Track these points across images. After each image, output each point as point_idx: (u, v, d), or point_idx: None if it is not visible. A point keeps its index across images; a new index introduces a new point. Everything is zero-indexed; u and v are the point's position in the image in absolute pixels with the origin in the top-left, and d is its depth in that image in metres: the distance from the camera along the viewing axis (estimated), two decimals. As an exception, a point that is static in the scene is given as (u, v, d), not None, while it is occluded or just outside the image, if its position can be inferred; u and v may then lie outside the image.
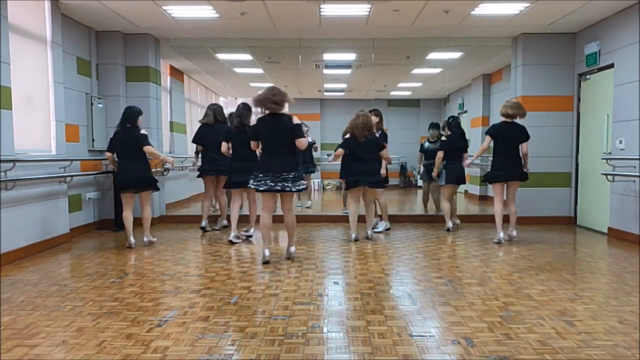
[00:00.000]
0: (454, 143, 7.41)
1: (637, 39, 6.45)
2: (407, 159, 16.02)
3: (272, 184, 5.22)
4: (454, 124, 7.55)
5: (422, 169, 9.09)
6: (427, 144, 8.88)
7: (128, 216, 6.24)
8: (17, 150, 5.55)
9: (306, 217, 8.80)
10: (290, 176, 5.23)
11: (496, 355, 2.95)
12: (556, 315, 3.65)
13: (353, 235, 6.64)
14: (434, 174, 7.55)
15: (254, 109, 6.20)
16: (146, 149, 6.14)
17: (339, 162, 7.13)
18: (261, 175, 5.26)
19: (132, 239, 6.21)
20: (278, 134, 5.25)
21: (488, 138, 6.56)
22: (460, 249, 6.31)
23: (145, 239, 6.37)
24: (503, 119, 6.51)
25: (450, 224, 7.48)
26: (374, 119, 6.96)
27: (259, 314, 3.71)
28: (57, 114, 6.46)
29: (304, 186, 5.39)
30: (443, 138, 7.69)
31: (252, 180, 5.34)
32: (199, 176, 7.49)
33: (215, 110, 7.39)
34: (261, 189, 5.26)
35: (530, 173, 6.71)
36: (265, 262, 5.28)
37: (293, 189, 5.24)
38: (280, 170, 5.21)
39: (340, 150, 6.74)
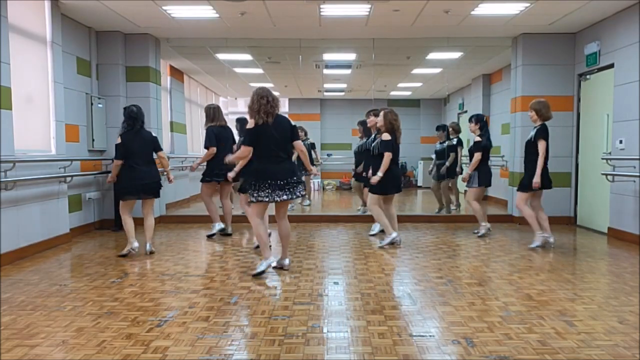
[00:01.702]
0: (489, 144, 6.97)
1: (637, 39, 6.45)
2: (407, 159, 16.02)
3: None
4: (485, 122, 7.06)
5: (434, 169, 9.10)
6: (438, 146, 9.13)
7: (130, 221, 5.76)
8: (17, 150, 5.55)
9: (306, 217, 8.81)
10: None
11: (496, 355, 2.95)
12: (556, 315, 3.65)
13: (395, 235, 6.29)
14: (466, 176, 6.97)
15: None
16: (162, 153, 5.95)
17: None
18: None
19: (136, 243, 5.73)
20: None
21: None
22: (461, 249, 6.31)
23: (148, 246, 5.86)
24: (542, 121, 6.05)
25: (486, 228, 7.05)
26: (374, 120, 6.91)
27: (259, 314, 3.71)
28: (57, 114, 6.46)
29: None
30: (477, 139, 6.92)
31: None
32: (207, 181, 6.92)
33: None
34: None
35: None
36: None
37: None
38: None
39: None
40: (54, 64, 6.40)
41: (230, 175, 5.90)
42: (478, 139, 6.94)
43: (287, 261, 5.12)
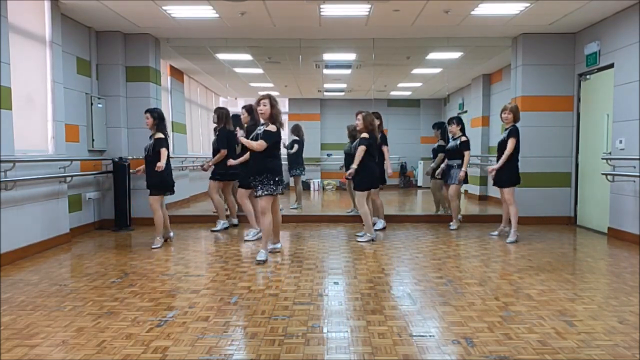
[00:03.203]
0: None
1: (637, 39, 6.45)
2: (407, 159, 16.03)
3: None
4: (463, 124, 7.72)
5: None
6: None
7: (163, 215, 6.41)
8: (17, 150, 5.55)
9: (306, 217, 8.81)
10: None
11: (496, 355, 2.95)
12: (556, 315, 3.65)
13: (373, 236, 6.73)
14: (462, 175, 7.42)
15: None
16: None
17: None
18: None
19: (162, 238, 6.42)
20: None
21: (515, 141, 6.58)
22: (460, 249, 6.31)
23: (172, 234, 6.75)
24: (513, 123, 6.72)
25: (460, 217, 7.80)
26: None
27: (259, 314, 3.71)
28: (57, 114, 6.46)
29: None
30: (464, 138, 7.53)
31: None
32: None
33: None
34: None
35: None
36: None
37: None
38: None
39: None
40: (54, 64, 6.40)
41: (232, 162, 6.79)
42: (464, 138, 7.51)
43: (279, 245, 5.98)
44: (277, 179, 5.45)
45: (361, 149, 6.53)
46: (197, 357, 2.94)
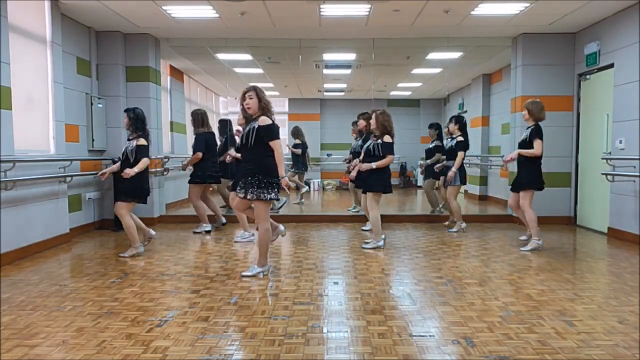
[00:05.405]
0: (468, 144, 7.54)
1: (637, 39, 6.45)
2: (406, 159, 16.03)
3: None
4: (464, 123, 7.58)
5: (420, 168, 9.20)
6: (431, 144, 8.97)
7: (133, 223, 5.76)
8: (17, 150, 5.55)
9: (306, 217, 8.81)
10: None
11: (496, 355, 2.95)
12: (556, 315, 3.65)
13: (381, 243, 6.15)
14: (451, 174, 7.23)
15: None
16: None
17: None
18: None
19: (142, 247, 5.80)
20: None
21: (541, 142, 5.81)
22: (460, 249, 6.31)
23: (152, 232, 6.11)
24: (533, 121, 5.94)
25: (464, 225, 7.45)
26: (364, 123, 7.46)
27: (259, 314, 3.71)
28: (57, 114, 6.45)
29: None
30: (460, 138, 7.36)
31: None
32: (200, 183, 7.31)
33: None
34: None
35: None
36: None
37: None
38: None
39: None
40: (54, 64, 6.40)
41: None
42: (461, 138, 7.37)
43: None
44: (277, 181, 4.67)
45: (389, 160, 5.97)
46: (197, 357, 2.94)
